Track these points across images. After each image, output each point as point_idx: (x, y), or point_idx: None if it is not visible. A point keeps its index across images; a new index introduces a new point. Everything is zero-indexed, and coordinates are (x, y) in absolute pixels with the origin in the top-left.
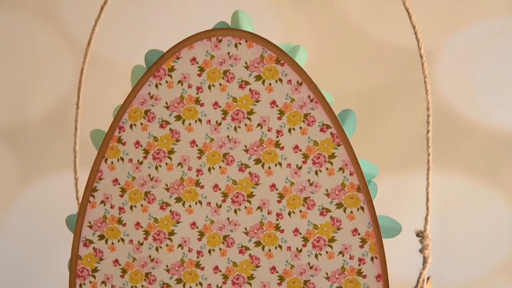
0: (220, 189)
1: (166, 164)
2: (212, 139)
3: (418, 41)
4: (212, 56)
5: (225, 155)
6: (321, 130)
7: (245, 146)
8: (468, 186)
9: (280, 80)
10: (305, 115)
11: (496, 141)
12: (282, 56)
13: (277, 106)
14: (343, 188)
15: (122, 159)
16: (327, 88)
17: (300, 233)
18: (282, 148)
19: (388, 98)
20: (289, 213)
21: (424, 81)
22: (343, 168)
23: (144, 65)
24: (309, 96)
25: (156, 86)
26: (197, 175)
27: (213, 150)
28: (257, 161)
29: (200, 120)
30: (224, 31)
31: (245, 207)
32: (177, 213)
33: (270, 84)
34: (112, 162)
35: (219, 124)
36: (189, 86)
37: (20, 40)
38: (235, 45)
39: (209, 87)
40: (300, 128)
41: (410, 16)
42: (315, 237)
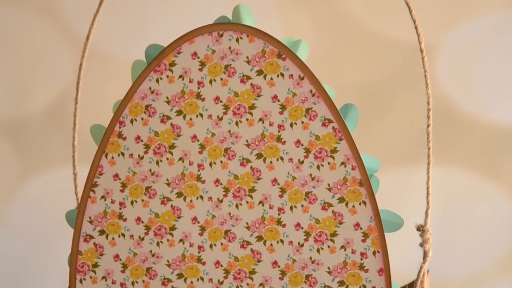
0: (222, 184)
1: (167, 159)
2: (214, 134)
3: (419, 36)
4: (213, 51)
5: (227, 150)
6: (323, 125)
7: (247, 141)
8: (468, 181)
9: (282, 75)
10: (307, 110)
11: (496, 136)
12: (284, 51)
13: (279, 101)
14: (345, 183)
15: (123, 154)
16: (327, 83)
17: (302, 228)
18: (284, 143)
19: (388, 93)
20: (291, 208)
21: (425, 76)
22: (345, 163)
23: (145, 60)
24: (311, 91)
25: (157, 81)
26: (198, 170)
27: (215, 145)
28: (259, 156)
29: (201, 115)
30: (225, 26)
31: (247, 202)
32: (178, 208)
33: (272, 79)
34: (113, 157)
35: (221, 119)
36: (190, 81)
37: (20, 35)
38: (237, 40)
39: (210, 82)
40: (302, 123)
41: (411, 11)
42: (317, 232)
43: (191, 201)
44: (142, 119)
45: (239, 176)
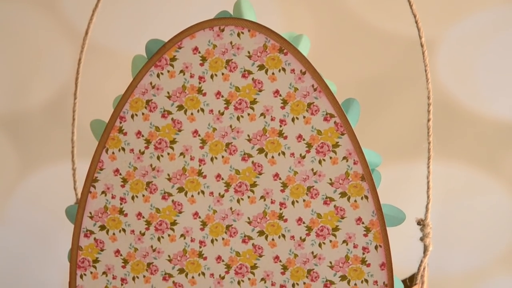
0: (223, 179)
1: (168, 154)
2: (215, 129)
3: (419, 30)
4: (215, 46)
5: (228, 145)
6: (325, 119)
7: (248, 136)
8: (468, 176)
9: (283, 70)
10: (309, 104)
11: (496, 131)
12: (286, 46)
13: (281, 96)
14: (347, 177)
15: (123, 149)
16: (328, 78)
17: (304, 222)
18: (286, 138)
19: (388, 88)
20: (293, 202)
21: (425, 70)
22: (347, 157)
23: (145, 55)
24: (313, 85)
25: (158, 76)
26: (200, 165)
27: (216, 140)
28: (260, 151)
29: (203, 110)
30: (227, 21)
31: (248, 197)
32: (179, 203)
33: (273, 74)
34: (113, 153)
35: (222, 114)
36: (191, 76)
37: (20, 30)
38: (238, 35)
39: (212, 77)
40: (304, 118)
41: (411, 6)
42: (319, 226)
43: (192, 196)
44: (143, 114)
45: (241, 171)
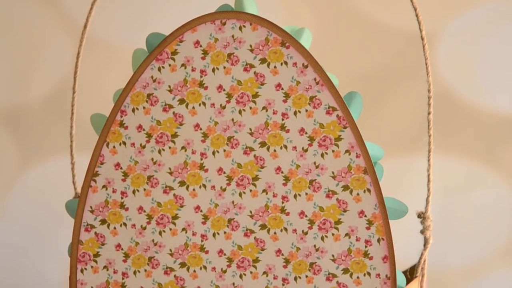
0: (225, 173)
1: (170, 148)
2: (217, 123)
3: (420, 23)
4: (216, 39)
5: (230, 139)
6: (327, 113)
7: (250, 129)
8: (468, 169)
9: (286, 63)
10: (311, 98)
11: (496, 124)
12: (288, 39)
13: (283, 89)
14: (350, 170)
15: (124, 143)
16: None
17: (306, 216)
18: (288, 131)
19: (388, 81)
20: (295, 196)
21: (425, 63)
22: (350, 151)
23: (145, 49)
24: (315, 79)
25: (159, 70)
26: (201, 159)
27: (218, 134)
28: (262, 144)
29: (204, 104)
30: (228, 14)
31: (250, 190)
32: (181, 197)
33: (275, 67)
34: (114, 147)
35: (224, 108)
36: (193, 70)
37: (20, 24)
38: (240, 28)
39: (213, 70)
40: (306, 111)
41: None
42: (321, 220)
43: (194, 190)
44: (144, 108)
45: (243, 165)
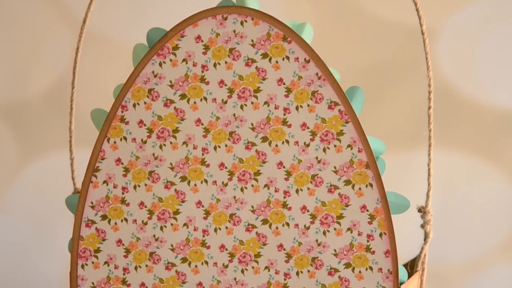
0: (226, 168)
1: (171, 143)
2: (218, 118)
3: (420, 18)
4: (218, 34)
5: (231, 133)
6: (329, 107)
7: (252, 124)
8: (468, 164)
9: (287, 58)
10: (313, 93)
11: (496, 119)
12: (289, 34)
13: (284, 84)
14: (352, 165)
15: (125, 139)
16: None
17: (308, 211)
18: (290, 126)
19: (388, 76)
20: (297, 191)
21: (426, 58)
22: (352, 145)
23: (146, 44)
24: (317, 74)
25: (160, 65)
26: (203, 154)
27: (219, 129)
28: (264, 139)
29: (206, 99)
30: (230, 9)
31: (252, 185)
32: (182, 192)
33: (277, 62)
34: (115, 142)
35: (225, 103)
36: (194, 65)
37: (20, 19)
38: (241, 23)
39: (215, 65)
40: (308, 106)
41: None
42: (323, 214)
43: (195, 185)
44: (145, 103)
45: (244, 160)
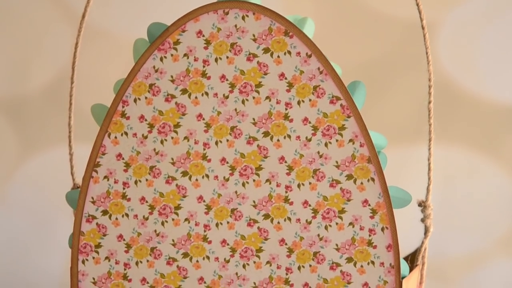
0: (228, 163)
1: (172, 138)
2: (219, 112)
3: (420, 13)
4: (219, 29)
5: (233, 128)
6: (331, 102)
7: (253, 119)
8: (469, 159)
9: (289, 53)
10: (315, 87)
11: (497, 113)
12: (291, 28)
13: (286, 79)
14: (353, 160)
15: (126, 134)
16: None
17: (310, 205)
18: (291, 121)
19: (389, 71)
20: (298, 185)
21: (426, 52)
22: (353, 140)
23: (147, 39)
24: (319, 68)
25: (161, 60)
26: (204, 149)
27: (220, 123)
28: (266, 134)
29: (207, 94)
30: (231, 4)
31: (254, 180)
32: (184, 187)
33: (279, 57)
34: (116, 137)
35: (227, 97)
36: (195, 59)
37: (20, 14)
38: (243, 18)
39: (216, 60)
40: (310, 100)
41: None
42: (325, 209)
43: (197, 180)
44: (146, 98)
45: (246, 155)
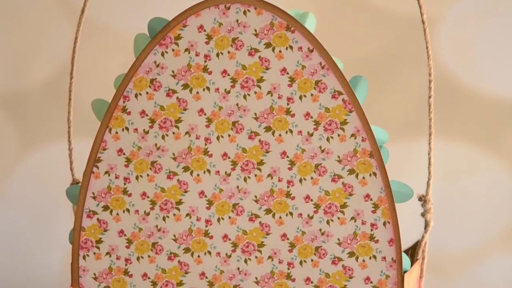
0: (229, 158)
1: (173, 133)
2: (221, 107)
3: (420, 7)
4: (220, 24)
5: (234, 123)
6: (333, 97)
7: (255, 114)
8: (469, 154)
9: (291, 47)
10: (316, 82)
11: (497, 108)
12: (293, 23)
13: (288, 73)
14: (355, 154)
15: (127, 129)
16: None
17: (312, 200)
18: (293, 116)
19: (389, 65)
20: (300, 180)
21: (426, 47)
22: (355, 134)
23: (147, 34)
24: (321, 63)
25: (162, 55)
26: (206, 144)
27: (222, 118)
28: (267, 129)
29: (208, 88)
30: None
31: (255, 175)
32: (185, 182)
33: (281, 51)
34: (117, 132)
35: (228, 92)
36: (197, 54)
37: (20, 8)
38: (244, 12)
39: (217, 55)
40: (312, 95)
41: None
42: (327, 204)
43: (198, 175)
44: (147, 93)
45: (247, 150)
